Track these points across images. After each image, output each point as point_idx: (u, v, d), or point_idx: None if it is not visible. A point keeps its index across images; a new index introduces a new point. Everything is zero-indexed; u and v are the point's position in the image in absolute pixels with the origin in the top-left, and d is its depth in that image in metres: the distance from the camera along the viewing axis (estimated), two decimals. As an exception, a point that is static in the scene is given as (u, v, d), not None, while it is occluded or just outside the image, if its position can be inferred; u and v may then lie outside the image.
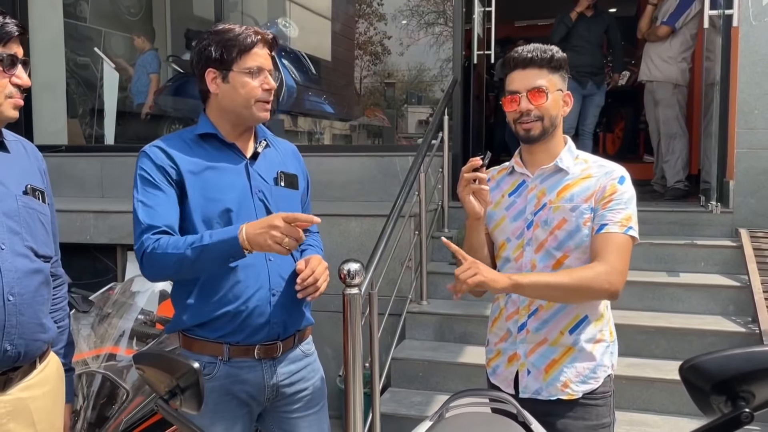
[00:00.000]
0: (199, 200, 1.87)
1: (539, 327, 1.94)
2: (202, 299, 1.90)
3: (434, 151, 4.80)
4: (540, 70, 1.91)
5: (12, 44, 1.67)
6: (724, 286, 4.03)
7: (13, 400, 1.66)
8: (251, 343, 1.92)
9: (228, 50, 1.89)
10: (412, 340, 4.16)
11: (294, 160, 2.12)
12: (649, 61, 5.65)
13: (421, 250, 4.29)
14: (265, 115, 1.94)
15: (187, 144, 1.93)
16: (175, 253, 1.78)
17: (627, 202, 1.89)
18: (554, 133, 1.97)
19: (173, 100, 6.71)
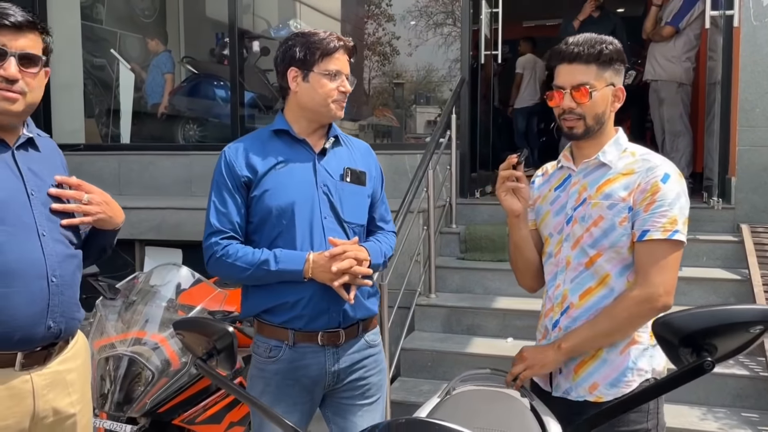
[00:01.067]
0: (267, 193, 2.02)
1: (570, 325, 1.87)
2: (264, 287, 2.05)
3: (442, 149, 4.92)
4: (587, 66, 1.82)
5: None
6: (725, 279, 4.14)
7: (52, 372, 1.81)
8: (313, 329, 2.04)
9: (311, 52, 2.05)
10: (421, 331, 4.29)
11: (365, 158, 2.23)
12: (654, 61, 5.75)
13: (429, 244, 4.42)
14: (340, 113, 2.09)
15: (262, 141, 2.10)
16: (242, 266, 2.00)
17: (672, 202, 1.76)
18: (601, 129, 1.88)
19: (187, 100, 6.87)
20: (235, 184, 2.03)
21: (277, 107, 6.94)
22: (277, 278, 2.00)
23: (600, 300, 1.85)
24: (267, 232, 2.04)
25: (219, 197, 2.04)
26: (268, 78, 6.81)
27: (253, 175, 2.03)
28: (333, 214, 2.08)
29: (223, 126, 6.34)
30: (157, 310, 2.64)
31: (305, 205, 2.04)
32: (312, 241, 2.03)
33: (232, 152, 2.07)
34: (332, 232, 2.06)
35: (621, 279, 1.83)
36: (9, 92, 1.71)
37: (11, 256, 1.70)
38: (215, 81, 6.64)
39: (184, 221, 4.94)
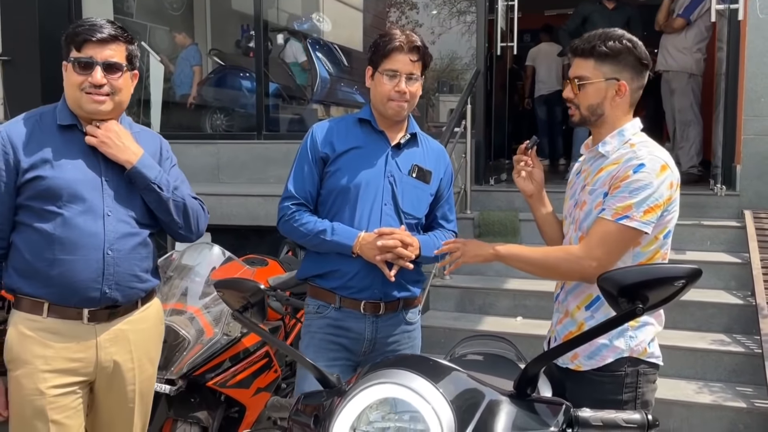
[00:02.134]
0: (339, 171, 2.28)
1: (564, 299, 2.04)
2: (321, 255, 2.32)
3: (458, 138, 5.14)
4: (585, 59, 1.95)
5: (91, 48, 2.01)
6: (727, 263, 4.33)
7: (116, 329, 2.13)
8: (359, 298, 2.29)
9: (377, 52, 2.28)
10: (435, 311, 4.54)
11: (436, 159, 2.41)
12: (666, 52, 5.89)
13: (444, 229, 4.65)
14: (396, 112, 2.27)
15: (346, 125, 2.37)
16: (304, 231, 2.27)
17: (635, 190, 1.82)
18: (603, 119, 1.97)
19: (215, 91, 7.16)
20: (315, 158, 2.30)
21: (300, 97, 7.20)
22: (329, 248, 2.26)
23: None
24: (331, 206, 2.30)
25: (299, 167, 2.32)
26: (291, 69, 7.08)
27: (331, 153, 2.29)
28: (393, 203, 2.30)
29: (249, 116, 6.61)
30: (192, 285, 2.92)
31: (370, 189, 2.28)
32: (369, 222, 2.26)
33: (318, 130, 2.35)
34: (388, 218, 2.28)
35: None
36: (97, 95, 2.04)
37: (76, 230, 2.01)
38: (241, 72, 6.91)
39: (212, 207, 5.13)
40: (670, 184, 1.86)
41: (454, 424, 1.13)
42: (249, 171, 5.88)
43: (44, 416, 2.00)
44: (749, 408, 3.44)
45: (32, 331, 2.02)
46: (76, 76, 2.03)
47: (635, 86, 1.96)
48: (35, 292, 2.02)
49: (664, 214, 1.88)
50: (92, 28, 2.03)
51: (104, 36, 2.03)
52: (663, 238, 1.93)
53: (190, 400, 2.84)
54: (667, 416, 3.55)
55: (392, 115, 2.30)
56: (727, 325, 3.99)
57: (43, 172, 1.99)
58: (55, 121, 2.08)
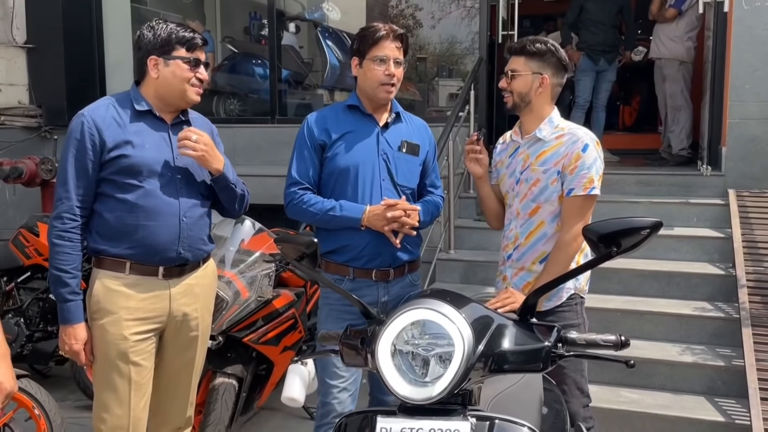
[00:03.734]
0: (338, 155, 2.56)
1: (519, 257, 2.56)
2: (329, 231, 2.59)
3: (461, 122, 5.45)
4: (517, 57, 2.51)
5: (198, 51, 2.42)
6: (711, 237, 4.67)
7: (185, 284, 2.49)
8: (369, 267, 2.57)
9: (363, 42, 2.55)
10: (441, 282, 4.89)
11: (421, 133, 2.72)
12: (658, 40, 6.21)
13: (449, 207, 4.98)
14: (387, 96, 2.57)
15: (337, 113, 2.64)
16: (313, 211, 2.55)
17: (590, 166, 2.40)
18: (530, 107, 2.52)
19: (228, 77, 7.45)
20: (313, 145, 2.57)
21: (307, 83, 7.50)
22: (339, 223, 2.52)
23: (538, 239, 2.52)
24: (334, 187, 2.57)
25: (299, 155, 2.58)
26: (301, 56, 7.36)
27: (327, 140, 2.56)
28: (389, 178, 2.59)
29: (262, 101, 6.91)
30: (227, 253, 3.27)
31: (367, 168, 2.55)
32: (371, 197, 2.54)
33: (312, 120, 2.62)
34: (387, 192, 2.57)
35: (552, 224, 2.51)
36: (200, 88, 2.44)
37: (157, 200, 2.37)
38: (253, 59, 7.19)
39: (232, 186, 5.54)
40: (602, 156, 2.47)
41: (473, 339, 1.48)
42: (264, 153, 6.19)
43: (126, 358, 2.36)
44: (727, 366, 3.80)
45: (117, 286, 2.37)
46: (188, 72, 2.37)
47: (555, 82, 2.51)
48: (120, 252, 2.36)
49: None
50: (196, 35, 2.42)
51: (203, 41, 2.44)
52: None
53: (227, 354, 3.20)
54: (652, 375, 3.92)
55: (383, 98, 2.57)
56: (710, 293, 4.34)
57: (126, 151, 2.33)
58: (131, 107, 2.41)
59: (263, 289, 3.19)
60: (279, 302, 3.32)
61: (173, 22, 2.43)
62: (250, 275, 3.21)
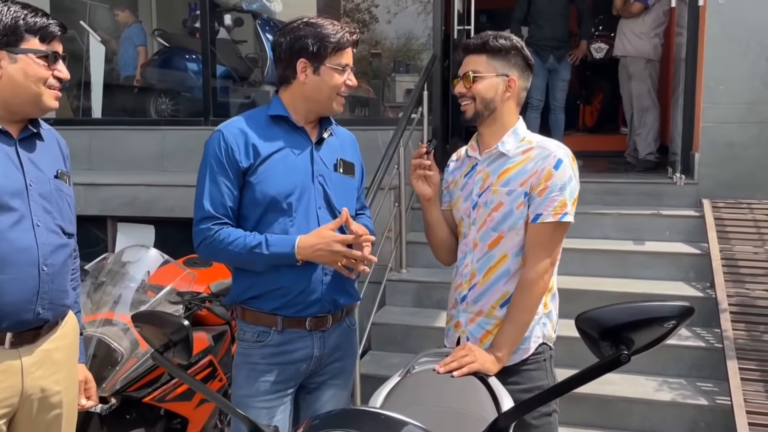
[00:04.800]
0: (264, 179, 2.03)
1: (476, 299, 2.07)
2: (257, 274, 2.06)
3: (414, 125, 4.96)
4: (478, 55, 2.03)
5: (55, 42, 1.87)
6: (686, 253, 4.27)
7: (41, 351, 1.89)
8: (303, 315, 2.07)
9: (324, 46, 2.04)
10: (392, 306, 4.38)
11: (352, 149, 2.25)
12: (623, 37, 5.82)
13: (400, 221, 4.49)
14: (340, 107, 2.11)
15: (260, 124, 2.09)
16: (234, 250, 2.00)
17: (563, 186, 1.95)
18: (494, 116, 2.05)
19: (159, 73, 6.80)
20: (232, 167, 2.01)
21: (252, 79, 6.91)
22: (268, 263, 2.01)
23: (498, 278, 2.05)
24: (259, 221, 2.05)
25: (212, 180, 2.02)
26: (241, 51, 6.77)
27: (251, 160, 2.02)
28: (327, 205, 2.10)
29: (196, 100, 6.30)
30: (126, 291, 2.69)
31: (302, 194, 2.06)
32: (307, 229, 2.04)
33: (229, 133, 2.04)
34: (326, 222, 2.07)
35: (516, 259, 2.03)
36: (59, 92, 1.90)
37: (4, 244, 1.76)
38: (187, 54, 6.58)
39: (156, 197, 4.96)
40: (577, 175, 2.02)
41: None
42: (196, 158, 5.50)
43: None
44: (710, 405, 3.38)
45: None
46: (43, 70, 1.85)
47: (522, 85, 2.07)
48: None
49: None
50: (51, 23, 1.90)
51: (61, 30, 1.92)
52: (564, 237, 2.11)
53: (125, 416, 2.63)
54: (627, 414, 3.48)
55: (336, 110, 2.11)
56: (686, 317, 3.92)
57: None
58: None
59: (169, 336, 2.62)
60: (190, 350, 2.75)
61: (19, 2, 1.84)
62: (152, 319, 2.63)
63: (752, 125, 4.64)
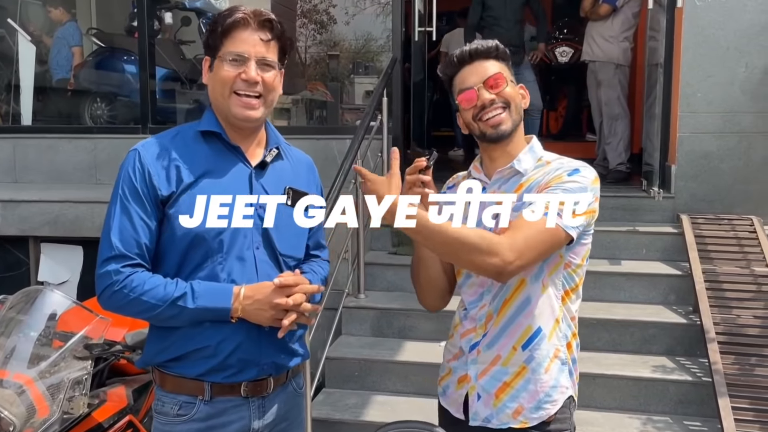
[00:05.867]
0: (188, 212, 1.63)
1: (491, 343, 1.71)
2: (177, 330, 1.65)
3: (373, 134, 4.58)
4: (492, 61, 1.73)
5: None
6: (665, 274, 3.97)
7: None
8: (237, 381, 1.68)
9: (214, 33, 1.66)
10: (348, 336, 3.97)
11: (308, 175, 1.85)
12: (591, 41, 5.55)
13: (358, 240, 4.09)
14: (245, 113, 1.66)
15: (185, 143, 1.68)
16: (149, 302, 1.60)
17: (568, 190, 1.62)
18: (517, 131, 1.75)
19: (95, 75, 6.28)
20: (149, 195, 1.62)
21: (200, 82, 6.43)
22: (195, 318, 1.62)
23: (518, 311, 1.69)
24: (181, 263, 1.65)
25: (124, 211, 1.62)
26: (185, 52, 6.29)
27: (173, 187, 1.63)
28: (267, 246, 1.70)
29: (134, 105, 5.80)
30: (23, 344, 2.21)
31: (235, 231, 1.65)
32: (240, 273, 1.66)
33: (147, 154, 1.64)
34: (265, 266, 1.69)
35: (536, 285, 1.68)
36: None
37: None
38: (125, 55, 6.08)
39: (85, 215, 4.46)
40: (597, 197, 1.69)
41: None
42: (132, 171, 5.09)
43: None
44: (701, 449, 3.07)
45: None
46: None
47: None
48: None
49: (588, 231, 1.72)
50: None
51: None
52: (586, 262, 1.76)
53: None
54: (611, 459, 3.15)
55: (239, 117, 1.67)
56: (669, 346, 3.62)
57: None
58: None
59: (75, 400, 2.15)
60: (104, 412, 2.29)
61: None
62: (54, 378, 2.17)
63: (731, 135, 4.37)
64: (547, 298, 1.68)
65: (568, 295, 1.71)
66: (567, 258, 1.68)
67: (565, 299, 1.71)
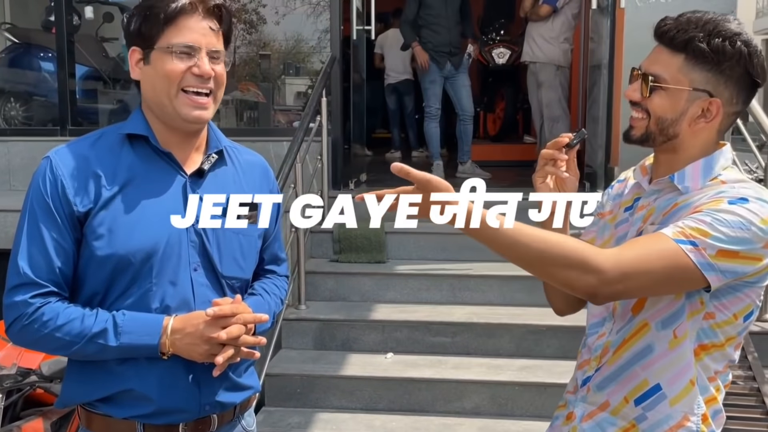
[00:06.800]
0: (110, 231, 1.40)
1: (602, 385, 1.45)
2: (102, 366, 1.42)
3: (312, 136, 4.38)
4: (673, 54, 1.35)
5: None
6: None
7: None
8: (174, 422, 1.46)
9: (150, 20, 1.42)
10: (289, 350, 3.75)
11: (260, 181, 1.60)
12: (532, 42, 5.54)
13: (298, 248, 3.89)
14: (195, 113, 1.43)
15: (109, 148, 1.45)
16: (64, 338, 1.37)
17: (721, 221, 1.25)
18: (674, 144, 1.39)
19: (9, 73, 5.86)
20: (63, 212, 1.39)
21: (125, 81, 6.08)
22: (120, 356, 1.40)
23: (635, 358, 1.39)
24: (106, 288, 1.43)
25: (34, 231, 1.38)
26: (108, 50, 5.93)
27: (91, 203, 1.40)
28: (207, 266, 1.49)
29: (51, 105, 5.43)
30: None
31: (167, 250, 1.44)
32: (174, 300, 1.45)
33: (61, 163, 1.40)
34: (204, 290, 1.47)
35: (662, 333, 1.36)
36: None
37: None
38: (42, 52, 5.68)
39: None
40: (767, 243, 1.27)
41: None
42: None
43: None
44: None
45: None
46: None
47: (732, 110, 1.38)
48: None
49: (754, 282, 1.31)
50: None
51: None
52: (743, 320, 1.35)
53: None
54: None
55: (190, 119, 1.45)
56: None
57: None
58: None
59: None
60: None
61: None
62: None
63: (671, 137, 4.39)
64: (678, 352, 1.36)
65: (705, 349, 1.37)
66: (709, 308, 1.34)
67: (700, 353, 1.37)
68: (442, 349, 3.67)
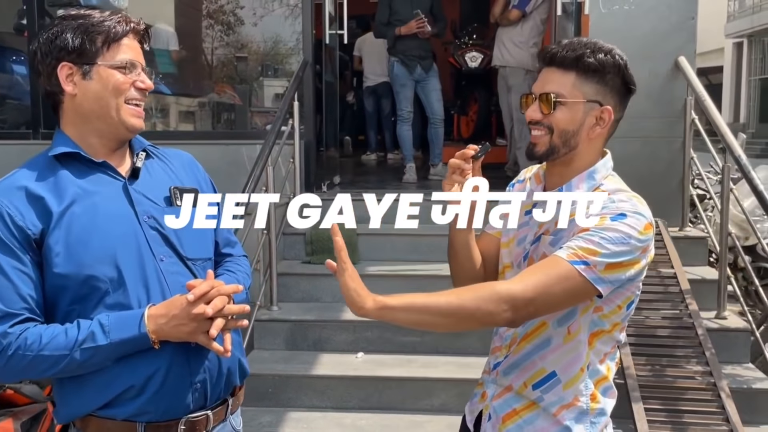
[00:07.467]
0: (68, 247, 1.45)
1: (507, 371, 1.62)
2: (93, 374, 1.47)
3: (284, 139, 4.44)
4: (564, 72, 1.52)
5: None
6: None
7: None
8: (173, 418, 1.52)
9: (91, 38, 1.50)
10: (261, 350, 3.81)
11: (190, 172, 1.72)
12: (502, 46, 5.63)
13: (270, 249, 3.94)
14: (137, 122, 1.55)
15: (43, 171, 1.50)
16: (53, 355, 1.42)
17: (606, 239, 1.43)
18: (570, 156, 1.54)
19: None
20: (17, 240, 1.44)
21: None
22: (111, 356, 1.46)
23: (534, 350, 1.57)
24: (80, 304, 1.48)
25: None
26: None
27: (43, 224, 1.46)
28: (171, 252, 1.57)
29: (24, 108, 5.41)
30: None
31: (128, 249, 1.51)
32: (149, 295, 1.51)
33: (5, 194, 1.46)
34: (175, 276, 1.54)
35: (558, 330, 1.53)
36: None
37: None
38: (14, 55, 5.66)
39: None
40: (646, 248, 1.49)
41: None
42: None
43: None
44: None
45: None
46: None
47: (617, 117, 1.57)
48: None
49: (634, 278, 1.51)
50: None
51: None
52: (626, 309, 1.55)
53: None
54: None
55: (133, 128, 1.57)
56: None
57: None
58: None
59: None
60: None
61: None
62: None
63: (635, 140, 4.49)
64: (571, 345, 1.54)
65: (596, 336, 1.54)
66: (598, 303, 1.50)
67: (592, 341, 1.54)
68: (411, 348, 3.75)
